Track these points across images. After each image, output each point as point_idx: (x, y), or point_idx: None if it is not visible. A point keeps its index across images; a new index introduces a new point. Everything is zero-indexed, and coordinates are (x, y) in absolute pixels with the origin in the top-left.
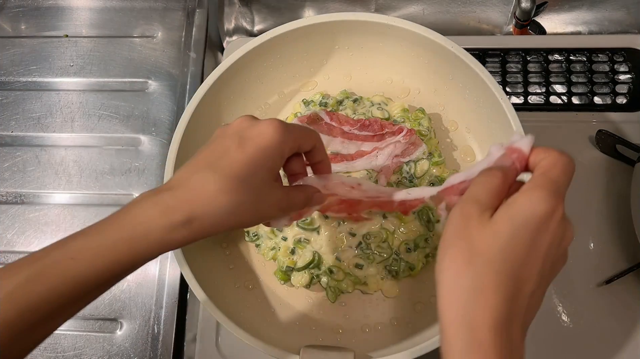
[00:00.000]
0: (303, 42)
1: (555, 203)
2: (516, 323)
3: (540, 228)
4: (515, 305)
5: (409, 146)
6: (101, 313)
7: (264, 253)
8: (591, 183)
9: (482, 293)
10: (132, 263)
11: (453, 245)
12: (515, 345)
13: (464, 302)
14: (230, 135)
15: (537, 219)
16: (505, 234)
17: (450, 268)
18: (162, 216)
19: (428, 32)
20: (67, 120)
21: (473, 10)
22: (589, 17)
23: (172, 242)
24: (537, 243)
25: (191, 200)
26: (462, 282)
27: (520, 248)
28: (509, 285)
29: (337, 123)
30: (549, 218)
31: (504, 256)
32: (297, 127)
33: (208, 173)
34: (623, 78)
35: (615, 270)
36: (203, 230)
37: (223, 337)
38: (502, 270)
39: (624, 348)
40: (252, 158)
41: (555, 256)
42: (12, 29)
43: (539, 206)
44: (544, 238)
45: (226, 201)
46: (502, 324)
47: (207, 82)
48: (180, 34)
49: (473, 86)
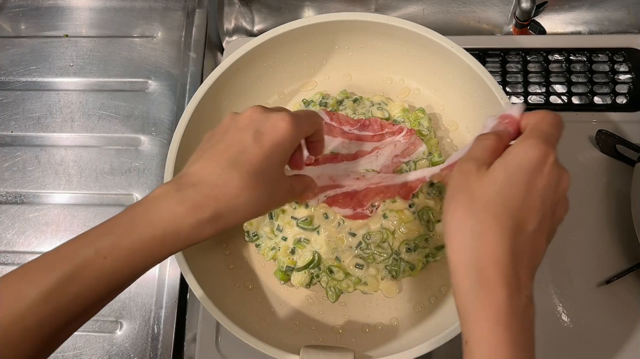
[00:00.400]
0: (303, 42)
1: (546, 149)
2: (522, 261)
3: (534, 170)
4: (519, 243)
5: (409, 146)
6: (101, 313)
7: (264, 253)
8: (591, 183)
9: (484, 234)
10: (162, 257)
11: (455, 198)
12: (523, 282)
13: (469, 244)
14: (245, 128)
15: (530, 163)
16: (501, 179)
17: (453, 218)
18: (191, 213)
19: (428, 32)
20: (67, 120)
21: (473, 10)
22: (589, 17)
23: (199, 238)
24: (533, 185)
25: (217, 197)
26: (465, 228)
27: (516, 189)
28: (509, 224)
29: (337, 123)
30: (542, 162)
31: (502, 199)
32: (305, 117)
33: (231, 171)
34: (623, 78)
35: (615, 270)
36: (226, 225)
37: (223, 337)
38: (501, 211)
39: (624, 348)
40: (269, 153)
41: (553, 200)
42: (12, 29)
43: (531, 151)
44: (539, 181)
45: (247, 197)
46: (507, 261)
47: (207, 82)
48: (180, 34)
49: (473, 86)
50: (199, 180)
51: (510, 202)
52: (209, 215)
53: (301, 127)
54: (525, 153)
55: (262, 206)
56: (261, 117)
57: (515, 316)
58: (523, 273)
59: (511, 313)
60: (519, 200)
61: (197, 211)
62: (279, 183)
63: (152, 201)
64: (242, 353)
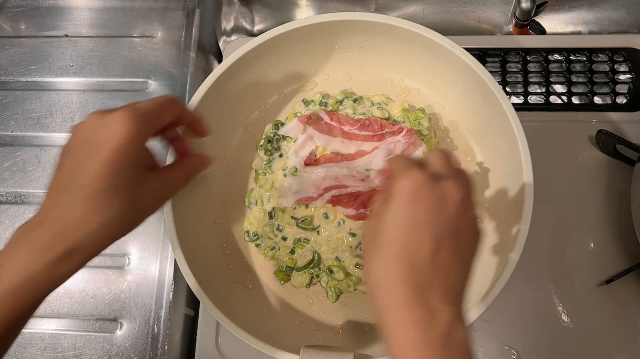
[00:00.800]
0: (303, 42)
1: (411, 177)
2: (431, 290)
3: (410, 201)
4: (418, 274)
5: (409, 146)
6: (101, 313)
7: (264, 253)
8: (591, 183)
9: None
10: (28, 307)
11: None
12: (438, 309)
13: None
14: (80, 145)
15: (402, 197)
16: (388, 223)
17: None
18: (40, 256)
19: (428, 32)
20: (67, 120)
21: (473, 10)
22: (589, 17)
23: (60, 277)
24: (414, 215)
25: (62, 231)
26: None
27: (400, 225)
28: (402, 261)
29: (337, 123)
30: (414, 190)
31: (390, 240)
32: (151, 106)
33: (70, 197)
34: (623, 78)
35: (615, 270)
36: (88, 255)
37: (223, 337)
38: (394, 252)
39: (624, 348)
40: (111, 162)
41: (446, 218)
42: (12, 29)
43: (398, 186)
44: (418, 207)
45: (100, 220)
46: (407, 297)
47: (207, 82)
48: (180, 34)
49: (473, 86)
50: (44, 217)
51: (397, 240)
52: (60, 252)
53: (144, 120)
54: (395, 191)
55: (127, 220)
56: (96, 126)
57: (434, 345)
58: (435, 300)
59: (426, 344)
60: (404, 235)
61: (46, 253)
62: (141, 187)
63: (7, 250)
64: (242, 353)
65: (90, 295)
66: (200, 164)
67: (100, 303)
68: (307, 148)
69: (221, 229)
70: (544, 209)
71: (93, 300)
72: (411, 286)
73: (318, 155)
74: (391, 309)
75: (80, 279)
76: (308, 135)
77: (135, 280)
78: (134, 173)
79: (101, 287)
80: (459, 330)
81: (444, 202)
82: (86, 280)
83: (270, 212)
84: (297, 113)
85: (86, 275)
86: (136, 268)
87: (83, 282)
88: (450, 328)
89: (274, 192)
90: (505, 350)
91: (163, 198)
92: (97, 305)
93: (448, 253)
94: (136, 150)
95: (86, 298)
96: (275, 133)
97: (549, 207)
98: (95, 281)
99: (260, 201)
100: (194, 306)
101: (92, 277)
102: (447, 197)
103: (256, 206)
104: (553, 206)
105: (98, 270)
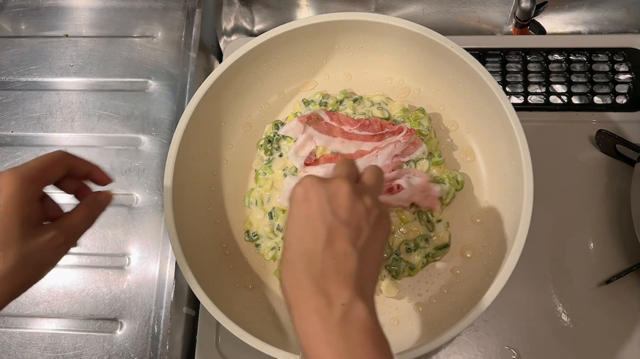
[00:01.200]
0: (303, 42)
1: (301, 184)
2: (327, 278)
3: (299, 201)
4: (315, 264)
5: (409, 146)
6: (101, 313)
7: (264, 253)
8: (591, 183)
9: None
10: None
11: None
12: (335, 294)
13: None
14: None
15: (294, 200)
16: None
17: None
18: None
19: (428, 32)
20: (67, 120)
21: (473, 10)
22: (589, 17)
23: None
24: (302, 214)
25: None
26: (281, 269)
27: (293, 224)
28: (300, 256)
29: (337, 123)
30: (301, 193)
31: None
32: (37, 164)
33: None
34: (623, 78)
35: (615, 270)
36: None
37: (223, 337)
38: (294, 249)
39: (624, 348)
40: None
41: (335, 213)
42: (12, 29)
43: (293, 191)
44: (305, 206)
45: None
46: (304, 285)
47: (207, 82)
48: (180, 34)
49: (473, 86)
50: None
51: (294, 239)
52: None
53: (31, 178)
54: (291, 197)
55: (25, 275)
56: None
57: (332, 327)
58: (332, 287)
59: (325, 327)
60: (299, 233)
61: None
62: (33, 241)
63: None
64: (242, 353)
65: (90, 295)
66: (102, 201)
67: (100, 303)
68: (307, 148)
69: (221, 229)
70: (544, 209)
71: (93, 300)
72: (309, 278)
73: (318, 155)
74: (295, 305)
75: (80, 279)
76: (308, 135)
77: (135, 280)
78: (23, 228)
79: (101, 287)
80: (358, 309)
81: (334, 197)
82: (86, 280)
83: (270, 212)
84: (297, 113)
85: (86, 275)
86: (136, 268)
87: (83, 282)
88: (348, 308)
89: (274, 192)
90: (505, 350)
91: (64, 245)
92: (97, 305)
93: (342, 241)
94: (22, 207)
95: (86, 298)
96: (275, 133)
97: (549, 207)
98: (95, 281)
99: (260, 201)
100: (194, 306)
101: (92, 277)
102: (335, 193)
103: (256, 206)
104: (553, 206)
105: (98, 270)
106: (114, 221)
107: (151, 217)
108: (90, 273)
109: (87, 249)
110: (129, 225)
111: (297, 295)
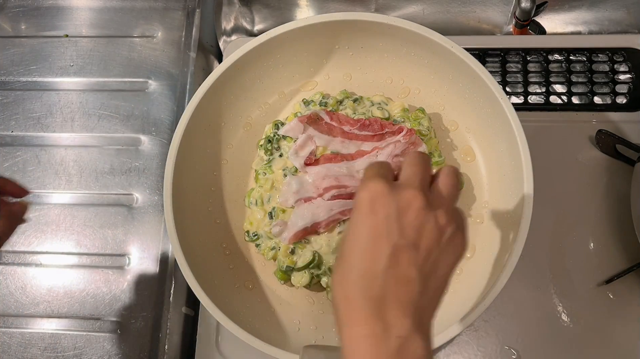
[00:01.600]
0: (303, 42)
1: (368, 188)
2: (387, 304)
3: (364, 213)
4: (374, 288)
5: (409, 146)
6: (101, 313)
7: (264, 253)
8: (591, 183)
9: (341, 297)
10: None
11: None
12: (392, 324)
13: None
14: None
15: (358, 211)
16: (347, 233)
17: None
18: None
19: (428, 32)
20: (67, 120)
21: (473, 10)
22: (589, 17)
23: None
24: (370, 225)
25: None
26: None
27: (355, 240)
28: (356, 275)
29: (337, 123)
30: (368, 202)
31: (348, 250)
32: None
33: None
34: (623, 78)
35: (615, 269)
36: None
37: (223, 337)
38: (350, 267)
39: (624, 347)
40: None
41: (403, 229)
42: (12, 29)
43: (357, 199)
44: (371, 220)
45: None
46: (362, 311)
47: (207, 82)
48: (180, 34)
49: (473, 86)
50: None
51: (355, 253)
52: None
53: None
54: (355, 202)
55: None
56: None
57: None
58: (391, 314)
59: (378, 355)
60: (361, 248)
61: None
62: None
63: None
64: (242, 353)
65: (90, 295)
66: (18, 212)
67: (100, 303)
68: (307, 148)
69: (221, 229)
70: (544, 209)
71: (93, 300)
72: (366, 299)
73: (318, 155)
74: (347, 324)
75: (80, 279)
76: (308, 135)
77: (135, 280)
78: None
79: (101, 287)
80: (415, 344)
81: (404, 212)
82: (86, 280)
83: (270, 212)
84: (297, 113)
85: (86, 275)
86: (136, 268)
87: (83, 282)
88: (405, 341)
89: (274, 192)
90: (505, 350)
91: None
92: (97, 305)
93: (407, 265)
94: None
95: (86, 298)
96: (275, 133)
97: (549, 207)
98: (95, 281)
99: (260, 201)
100: (194, 306)
101: (92, 277)
102: (407, 207)
103: (256, 206)
104: (553, 206)
105: (98, 270)
106: (114, 221)
107: (151, 217)
108: (90, 273)
109: (87, 249)
110: (129, 225)
111: (350, 314)
